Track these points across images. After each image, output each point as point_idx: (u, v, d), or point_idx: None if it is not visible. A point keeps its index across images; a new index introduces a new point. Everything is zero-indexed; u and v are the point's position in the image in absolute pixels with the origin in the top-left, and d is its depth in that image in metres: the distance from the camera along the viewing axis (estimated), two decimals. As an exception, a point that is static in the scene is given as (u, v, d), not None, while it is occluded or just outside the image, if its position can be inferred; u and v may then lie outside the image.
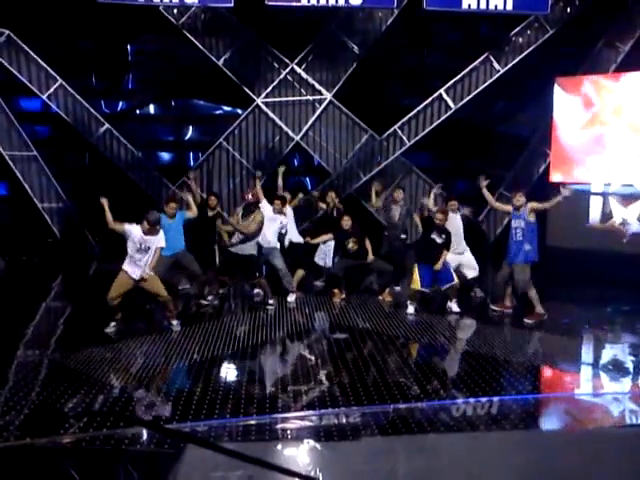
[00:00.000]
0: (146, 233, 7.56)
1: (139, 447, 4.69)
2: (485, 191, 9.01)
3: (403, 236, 10.33)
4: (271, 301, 9.07)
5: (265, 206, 9.24)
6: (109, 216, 7.71)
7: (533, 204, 8.42)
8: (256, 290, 9.67)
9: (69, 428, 4.82)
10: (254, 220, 8.82)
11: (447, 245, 8.73)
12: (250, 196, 9.76)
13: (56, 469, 4.46)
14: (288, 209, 9.83)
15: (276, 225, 9.21)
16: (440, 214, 8.74)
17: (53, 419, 5.05)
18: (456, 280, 8.83)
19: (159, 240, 7.67)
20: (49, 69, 12.73)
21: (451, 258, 8.87)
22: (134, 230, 7.56)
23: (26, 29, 12.50)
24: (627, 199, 11.12)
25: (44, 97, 12.87)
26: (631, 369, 6.93)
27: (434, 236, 8.68)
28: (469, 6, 11.51)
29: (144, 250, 7.56)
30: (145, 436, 4.82)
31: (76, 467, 4.25)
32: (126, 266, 7.60)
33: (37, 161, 13.02)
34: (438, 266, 8.62)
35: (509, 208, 8.78)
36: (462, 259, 9.22)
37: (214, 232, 9.70)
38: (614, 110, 11.28)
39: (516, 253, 8.43)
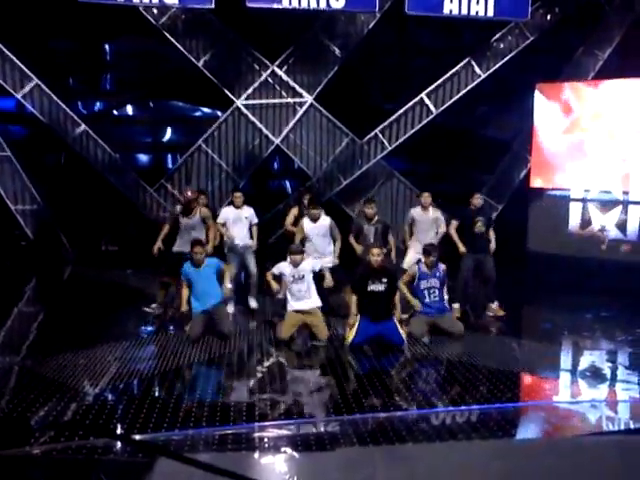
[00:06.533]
0: (294, 264, 7.51)
1: (112, 457, 4.56)
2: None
3: (384, 251, 9.96)
4: (253, 304, 8.97)
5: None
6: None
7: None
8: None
9: (39, 438, 4.67)
10: (207, 219, 8.48)
11: (393, 291, 7.27)
12: (189, 193, 8.83)
13: (25, 481, 4.32)
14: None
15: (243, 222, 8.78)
16: (376, 250, 7.31)
17: (22, 429, 4.89)
18: (406, 342, 7.18)
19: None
20: (24, 68, 12.45)
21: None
22: (285, 269, 7.57)
23: (0, 27, 12.24)
24: (605, 205, 11.18)
25: (19, 96, 12.58)
26: (609, 376, 6.93)
27: (372, 287, 7.16)
28: (450, 11, 11.51)
29: (299, 279, 7.53)
30: (118, 446, 4.68)
31: (47, 478, 4.12)
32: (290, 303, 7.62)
33: (10, 162, 12.72)
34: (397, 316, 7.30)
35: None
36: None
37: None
38: (593, 117, 11.35)
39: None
